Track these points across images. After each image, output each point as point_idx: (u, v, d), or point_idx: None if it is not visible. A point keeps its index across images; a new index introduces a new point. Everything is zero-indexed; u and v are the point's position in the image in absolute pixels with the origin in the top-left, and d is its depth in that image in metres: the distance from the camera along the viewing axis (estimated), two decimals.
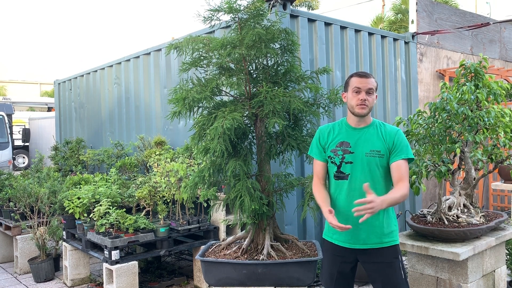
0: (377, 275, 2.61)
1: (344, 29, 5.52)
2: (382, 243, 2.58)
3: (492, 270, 3.49)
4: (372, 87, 2.58)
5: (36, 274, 5.19)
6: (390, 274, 2.59)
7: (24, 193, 5.49)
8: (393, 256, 2.61)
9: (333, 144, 2.66)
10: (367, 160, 2.56)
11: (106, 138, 7.66)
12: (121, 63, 7.36)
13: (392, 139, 2.58)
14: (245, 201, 3.05)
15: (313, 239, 4.85)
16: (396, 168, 2.55)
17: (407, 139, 3.60)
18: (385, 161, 2.57)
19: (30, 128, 17.20)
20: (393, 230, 2.63)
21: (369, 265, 2.62)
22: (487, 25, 7.23)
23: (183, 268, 5.48)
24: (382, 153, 2.56)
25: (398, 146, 2.57)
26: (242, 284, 3.16)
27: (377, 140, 2.58)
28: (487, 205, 7.49)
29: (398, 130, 2.64)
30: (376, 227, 2.57)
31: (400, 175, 2.53)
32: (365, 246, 2.59)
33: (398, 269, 2.60)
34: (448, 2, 15.67)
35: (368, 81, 2.57)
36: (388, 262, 2.59)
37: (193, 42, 3.32)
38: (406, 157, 2.56)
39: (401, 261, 2.64)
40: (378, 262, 2.59)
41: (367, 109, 2.57)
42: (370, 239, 2.57)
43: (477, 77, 3.51)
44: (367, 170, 2.56)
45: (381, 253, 2.58)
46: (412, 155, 2.61)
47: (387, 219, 2.60)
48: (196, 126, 3.29)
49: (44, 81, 37.18)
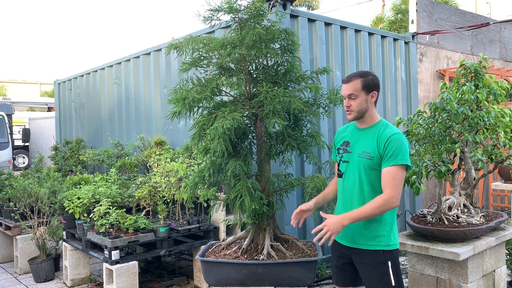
0: (363, 275, 2.63)
1: (344, 29, 5.52)
2: (367, 245, 2.55)
3: (492, 270, 3.49)
4: (352, 92, 2.54)
5: (36, 274, 5.19)
6: (374, 277, 2.55)
7: (24, 193, 5.49)
8: (378, 261, 2.53)
9: (340, 143, 2.73)
10: (358, 160, 2.57)
11: (106, 138, 7.66)
12: (121, 63, 7.36)
13: (383, 144, 2.49)
14: (245, 201, 3.05)
15: (313, 239, 4.86)
16: (382, 175, 2.49)
17: (408, 139, 3.61)
18: (375, 163, 2.51)
19: (30, 128, 17.21)
20: (380, 235, 2.53)
21: (358, 265, 2.64)
22: (487, 25, 7.23)
23: (183, 268, 5.48)
24: (371, 155, 2.52)
25: (389, 151, 2.46)
26: (242, 284, 3.16)
27: (372, 142, 2.54)
28: (487, 205, 7.50)
29: (394, 134, 2.50)
30: (361, 228, 2.55)
31: (384, 183, 2.47)
32: (354, 245, 2.61)
33: (384, 275, 2.52)
34: (448, 2, 15.67)
35: (348, 86, 2.56)
36: (373, 265, 2.55)
37: (193, 42, 3.32)
38: (394, 164, 2.44)
39: (393, 267, 2.54)
40: (364, 264, 2.58)
41: (353, 114, 2.57)
42: (357, 239, 2.59)
43: (477, 77, 3.51)
44: (357, 171, 2.57)
45: (366, 255, 2.57)
46: (405, 161, 2.46)
47: (373, 223, 2.53)
48: (196, 126, 3.29)
49: (44, 81, 37.21)
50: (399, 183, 2.46)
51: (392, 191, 2.44)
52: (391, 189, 2.44)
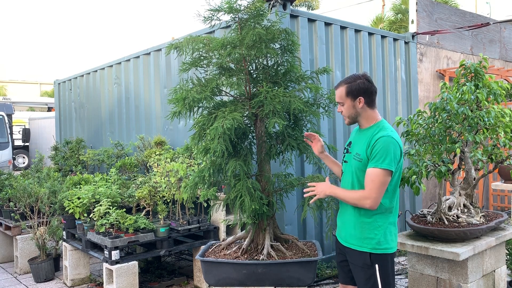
0: (354, 275, 2.68)
1: (344, 29, 5.52)
2: (355, 245, 2.60)
3: (492, 270, 3.49)
4: (338, 99, 2.65)
5: (36, 274, 5.19)
6: (361, 278, 2.59)
7: (24, 193, 5.49)
8: (364, 263, 2.55)
9: (347, 143, 2.82)
10: (352, 162, 2.62)
11: (106, 138, 7.67)
12: (121, 63, 7.36)
13: (371, 146, 2.49)
14: (245, 201, 3.05)
15: (313, 239, 4.86)
16: (365, 175, 2.51)
17: (408, 139, 3.61)
18: (364, 165, 2.52)
19: (30, 128, 17.21)
20: (367, 237, 2.54)
21: (350, 264, 2.69)
22: (487, 25, 7.23)
23: (183, 268, 5.48)
24: (361, 157, 2.54)
25: (374, 153, 2.46)
26: (242, 284, 3.16)
27: (364, 144, 2.56)
28: (487, 205, 7.50)
29: (382, 137, 2.47)
30: (351, 228, 2.61)
31: (365, 182, 2.49)
32: (346, 244, 2.67)
33: (370, 277, 2.53)
34: (448, 2, 15.66)
35: (336, 93, 2.66)
36: (360, 266, 2.58)
37: (193, 42, 3.32)
38: (375, 166, 2.44)
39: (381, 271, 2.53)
40: (353, 264, 2.64)
41: (346, 120, 2.68)
42: (348, 239, 2.64)
43: (477, 77, 3.51)
44: (350, 171, 2.64)
45: (354, 255, 2.61)
46: (386, 166, 2.43)
47: (361, 224, 2.55)
48: (196, 126, 3.29)
49: (44, 81, 37.21)
50: (378, 186, 2.44)
51: (369, 192, 2.46)
52: (368, 190, 2.47)
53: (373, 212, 2.53)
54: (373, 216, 2.54)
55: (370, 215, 2.54)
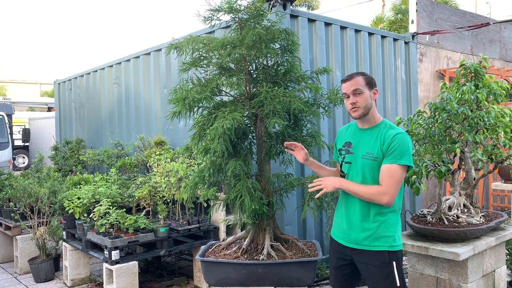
0: (366, 275, 2.62)
1: (344, 29, 5.52)
2: (371, 246, 2.55)
3: (492, 270, 3.49)
4: (357, 87, 2.53)
5: (36, 274, 5.19)
6: (379, 278, 2.55)
7: (24, 193, 5.49)
8: (382, 261, 2.53)
9: (342, 143, 2.73)
10: (362, 162, 2.56)
11: (106, 138, 7.66)
12: (121, 63, 7.36)
13: (387, 143, 2.47)
14: (245, 201, 3.05)
15: (313, 239, 4.86)
16: (381, 171, 2.48)
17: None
18: (379, 164, 2.50)
19: (30, 128, 17.21)
20: (384, 236, 2.53)
21: (360, 265, 2.63)
22: (487, 25, 7.23)
23: (183, 268, 5.48)
24: (375, 156, 2.51)
25: (390, 150, 2.45)
26: (242, 284, 3.16)
27: (375, 143, 2.53)
28: (487, 205, 7.49)
29: (398, 134, 2.49)
30: (365, 229, 2.55)
31: (381, 178, 2.47)
32: (356, 246, 2.60)
33: (389, 275, 2.52)
34: (448, 2, 15.67)
35: (352, 83, 2.55)
36: (377, 266, 2.55)
37: (193, 42, 3.32)
38: (394, 162, 2.44)
39: (397, 268, 2.54)
40: (368, 264, 2.58)
41: (360, 111, 2.54)
42: (360, 240, 2.57)
43: (477, 77, 3.51)
44: (360, 172, 2.56)
45: (370, 256, 2.56)
46: (407, 162, 2.45)
47: (376, 223, 2.53)
48: (196, 126, 3.29)
49: (44, 81, 37.23)
50: (395, 182, 2.44)
51: (387, 187, 2.44)
52: (386, 186, 2.44)
53: (387, 210, 2.52)
54: (387, 214, 2.53)
55: (384, 214, 2.52)
